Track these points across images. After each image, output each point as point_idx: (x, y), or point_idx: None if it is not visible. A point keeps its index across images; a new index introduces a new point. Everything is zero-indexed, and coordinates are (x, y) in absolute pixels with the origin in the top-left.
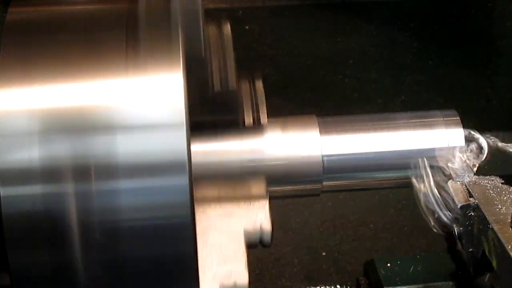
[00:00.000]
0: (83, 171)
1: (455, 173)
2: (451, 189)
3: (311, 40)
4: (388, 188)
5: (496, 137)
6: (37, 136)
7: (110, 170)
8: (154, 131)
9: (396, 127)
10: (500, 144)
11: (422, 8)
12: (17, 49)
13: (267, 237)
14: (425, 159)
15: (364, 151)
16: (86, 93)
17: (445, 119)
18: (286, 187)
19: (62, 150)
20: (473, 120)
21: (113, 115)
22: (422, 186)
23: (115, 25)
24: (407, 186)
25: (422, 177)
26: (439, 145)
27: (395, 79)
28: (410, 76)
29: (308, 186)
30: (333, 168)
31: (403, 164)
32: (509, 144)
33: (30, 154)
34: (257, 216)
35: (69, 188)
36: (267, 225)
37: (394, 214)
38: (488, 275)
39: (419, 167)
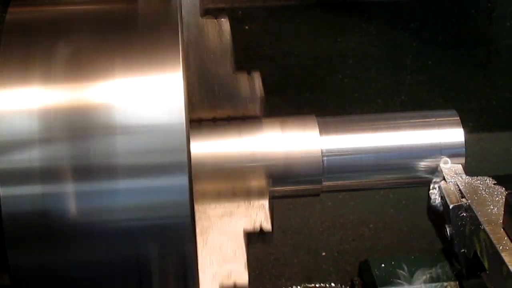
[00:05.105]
0: (83, 171)
1: (448, 174)
2: (444, 190)
3: (311, 40)
4: (388, 188)
5: None
6: (37, 136)
7: (109, 170)
8: (154, 131)
9: (396, 127)
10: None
11: (422, 8)
12: (17, 49)
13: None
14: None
15: (364, 151)
16: (85, 93)
17: (444, 119)
18: (286, 187)
19: (61, 150)
20: (473, 120)
21: (112, 115)
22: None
23: (115, 25)
24: (407, 186)
25: None
26: (439, 145)
27: (395, 79)
28: (410, 76)
29: (308, 186)
30: (333, 168)
31: (403, 164)
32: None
33: (30, 154)
34: (257, 215)
35: (69, 188)
36: (267, 225)
37: (394, 214)
38: (481, 275)
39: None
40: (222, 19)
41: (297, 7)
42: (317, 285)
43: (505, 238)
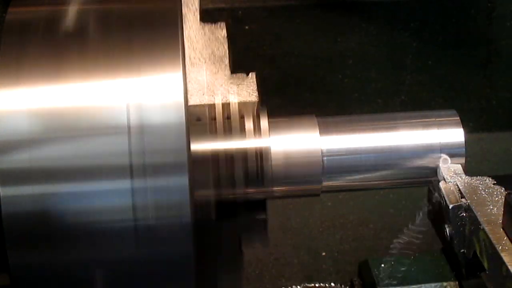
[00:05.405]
0: (83, 171)
1: (447, 174)
2: (443, 190)
3: (311, 40)
4: (388, 188)
5: None
6: (37, 136)
7: (109, 170)
8: (154, 131)
9: (396, 127)
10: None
11: (422, 8)
12: (17, 49)
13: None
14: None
15: (364, 151)
16: (86, 93)
17: (444, 119)
18: (286, 187)
19: (61, 150)
20: (473, 120)
21: (112, 115)
22: None
23: (115, 26)
24: (407, 186)
25: None
26: (439, 145)
27: (395, 79)
28: (410, 76)
29: (308, 186)
30: (333, 168)
31: (402, 164)
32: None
33: (30, 154)
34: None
35: (69, 188)
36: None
37: (394, 214)
38: (481, 275)
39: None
40: (219, 24)
41: (297, 7)
42: (317, 285)
43: (505, 238)
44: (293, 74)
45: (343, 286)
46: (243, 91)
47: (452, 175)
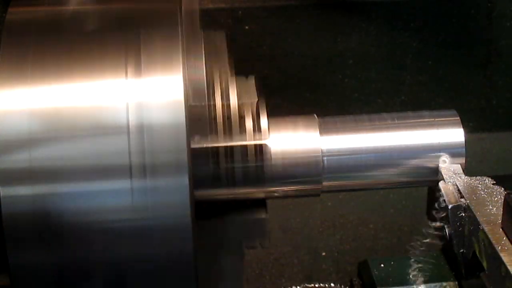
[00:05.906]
0: (83, 171)
1: (447, 174)
2: (442, 190)
3: (311, 40)
4: (388, 188)
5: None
6: (37, 136)
7: (109, 170)
8: (154, 131)
9: (396, 127)
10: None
11: (422, 8)
12: (17, 49)
13: (265, 242)
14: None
15: (364, 151)
16: (86, 94)
17: (444, 119)
18: (286, 187)
19: (61, 150)
20: (473, 120)
21: (113, 116)
22: None
23: (115, 26)
24: (407, 186)
25: None
26: (439, 145)
27: (395, 79)
28: (410, 76)
29: (308, 186)
30: (333, 168)
31: (402, 164)
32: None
33: (30, 154)
34: (254, 220)
35: (68, 188)
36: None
37: (394, 214)
38: (480, 275)
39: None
40: (217, 33)
41: (297, 7)
42: (317, 285)
43: (504, 238)
44: (293, 74)
45: (343, 286)
46: (243, 92)
47: (451, 175)
